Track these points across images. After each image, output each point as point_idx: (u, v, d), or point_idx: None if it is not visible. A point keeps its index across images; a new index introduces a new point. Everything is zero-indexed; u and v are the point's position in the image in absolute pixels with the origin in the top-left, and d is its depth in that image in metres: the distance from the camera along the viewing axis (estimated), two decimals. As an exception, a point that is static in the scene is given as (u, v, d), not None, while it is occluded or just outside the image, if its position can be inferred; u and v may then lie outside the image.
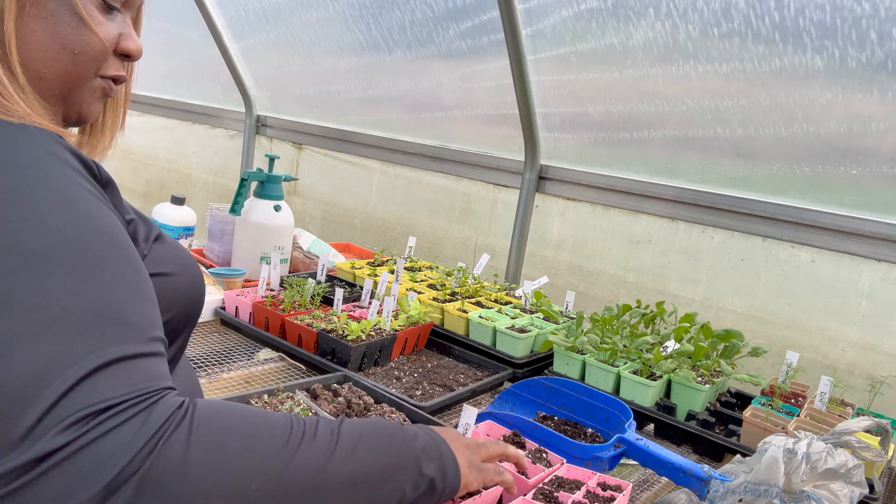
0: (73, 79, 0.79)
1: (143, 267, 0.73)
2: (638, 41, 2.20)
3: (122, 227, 0.73)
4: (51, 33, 0.75)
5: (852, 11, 1.79)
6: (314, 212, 3.66)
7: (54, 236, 0.64)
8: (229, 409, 0.70)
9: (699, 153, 2.33)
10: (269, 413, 0.74)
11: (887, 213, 2.02)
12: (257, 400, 1.41)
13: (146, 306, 0.70)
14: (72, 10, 0.76)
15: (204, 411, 0.66)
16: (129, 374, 0.64)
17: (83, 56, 0.78)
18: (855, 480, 1.12)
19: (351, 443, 0.75)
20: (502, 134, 2.80)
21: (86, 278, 0.65)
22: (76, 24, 0.76)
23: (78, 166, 0.71)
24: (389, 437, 0.81)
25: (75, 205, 0.67)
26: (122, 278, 0.69)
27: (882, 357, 2.04)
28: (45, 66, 0.76)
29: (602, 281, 2.62)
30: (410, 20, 2.76)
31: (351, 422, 0.79)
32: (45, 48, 0.75)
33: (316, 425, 0.74)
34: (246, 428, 0.68)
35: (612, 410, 1.44)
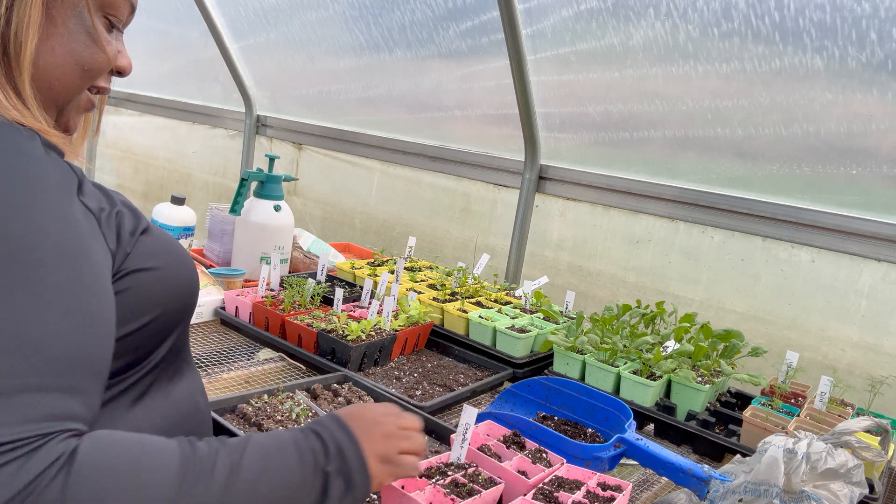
0: (75, 91, 0.83)
1: (98, 286, 0.69)
2: (638, 41, 2.20)
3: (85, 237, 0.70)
4: (67, 49, 0.79)
5: (852, 11, 1.79)
6: (314, 212, 3.66)
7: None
8: (117, 452, 0.63)
9: (699, 153, 2.33)
10: (163, 449, 0.66)
11: (887, 213, 2.02)
12: (257, 400, 1.41)
13: (78, 333, 0.65)
14: (87, 29, 0.80)
15: (86, 460, 0.60)
16: (17, 411, 0.58)
17: (91, 72, 0.82)
18: (855, 480, 1.12)
19: (251, 477, 0.69)
20: (502, 134, 2.80)
21: (8, 294, 0.60)
22: (89, 43, 0.81)
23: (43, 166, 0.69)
24: (294, 464, 0.74)
25: (22, 208, 0.64)
26: (58, 299, 0.64)
27: (882, 357, 2.04)
28: (57, 80, 0.79)
29: (602, 281, 2.62)
30: (410, 20, 2.76)
31: (255, 450, 0.72)
32: (60, 63, 0.79)
33: (214, 461, 0.68)
34: (132, 476, 0.62)
35: (612, 410, 1.44)
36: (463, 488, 1.07)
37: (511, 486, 1.13)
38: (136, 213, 0.85)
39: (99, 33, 0.81)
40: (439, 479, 1.09)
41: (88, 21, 0.80)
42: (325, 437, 0.79)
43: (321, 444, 0.78)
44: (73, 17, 0.79)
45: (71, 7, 0.78)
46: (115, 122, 4.75)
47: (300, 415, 1.37)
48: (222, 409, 1.37)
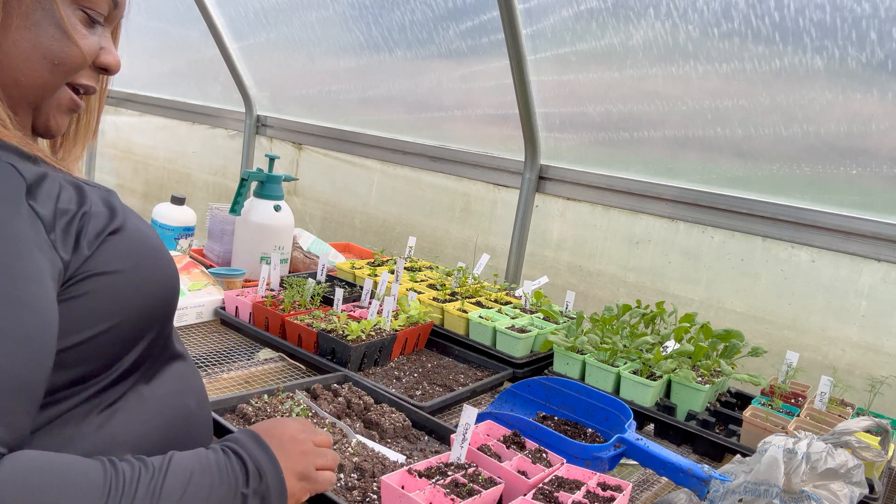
0: (47, 87, 0.80)
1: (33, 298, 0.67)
2: (638, 41, 2.20)
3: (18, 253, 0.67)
4: (33, 43, 0.76)
5: (852, 11, 1.79)
6: (314, 212, 3.66)
7: None
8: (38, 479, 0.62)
9: (699, 153, 2.33)
10: (87, 472, 0.66)
11: (887, 213, 2.02)
12: (257, 400, 1.41)
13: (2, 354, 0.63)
14: (56, 22, 0.77)
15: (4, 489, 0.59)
16: None
17: (62, 66, 0.79)
18: (855, 480, 1.12)
19: (174, 500, 0.70)
20: (502, 134, 2.80)
21: None
22: (59, 36, 0.77)
23: None
24: (216, 486, 0.75)
25: None
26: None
27: (882, 357, 2.04)
28: (24, 75, 0.77)
29: (602, 281, 2.62)
30: (410, 20, 2.76)
31: (177, 473, 0.72)
32: (25, 57, 0.76)
33: (136, 485, 0.68)
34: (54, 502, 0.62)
35: (612, 410, 1.44)
36: (463, 488, 1.08)
37: (511, 486, 1.13)
38: (112, 211, 0.82)
39: (68, 26, 0.78)
40: (439, 479, 1.09)
41: (56, 13, 0.76)
42: (245, 458, 0.80)
43: (241, 465, 0.79)
44: (38, 9, 0.76)
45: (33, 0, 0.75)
46: (115, 122, 4.75)
47: (300, 415, 1.37)
48: (222, 409, 1.37)
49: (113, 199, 0.85)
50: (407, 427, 1.42)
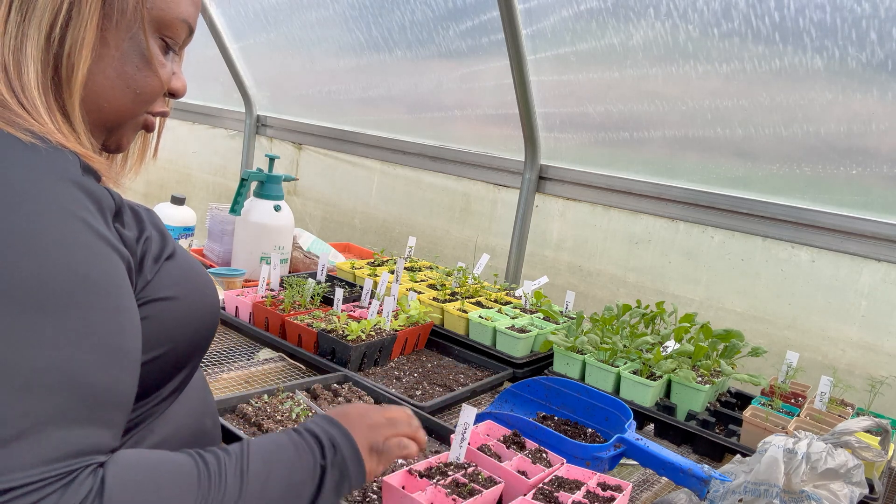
0: (127, 114, 0.81)
1: (125, 316, 0.69)
2: (638, 41, 2.20)
3: (112, 266, 0.69)
4: (119, 72, 0.77)
5: (852, 11, 1.79)
6: (314, 212, 3.66)
7: (8, 274, 0.59)
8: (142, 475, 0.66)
9: (699, 153, 2.33)
10: (182, 465, 0.69)
11: (887, 213, 2.02)
12: (257, 400, 1.41)
13: (105, 366, 0.65)
14: (141, 52, 0.78)
15: (115, 490, 0.62)
16: (50, 446, 0.59)
17: (143, 96, 0.81)
18: (855, 480, 1.12)
19: (259, 481, 0.73)
20: (502, 134, 2.80)
21: (35, 327, 0.60)
22: (142, 66, 0.79)
23: (76, 192, 0.67)
24: (295, 462, 0.78)
25: (47, 239, 0.63)
26: (85, 330, 0.63)
27: (882, 357, 2.04)
28: (107, 101, 0.78)
29: (602, 281, 2.62)
30: (410, 20, 2.76)
31: (258, 455, 0.76)
32: (111, 85, 0.77)
33: (224, 470, 0.71)
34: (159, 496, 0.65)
35: (612, 410, 1.44)
36: (464, 488, 1.08)
37: (511, 486, 1.13)
38: (164, 235, 0.84)
39: (153, 56, 0.79)
40: (440, 479, 1.09)
41: (143, 43, 0.78)
42: (319, 433, 0.83)
43: (316, 440, 0.82)
44: (127, 39, 0.76)
45: (126, 29, 0.76)
46: (115, 122, 4.74)
47: (300, 415, 1.37)
48: (222, 409, 1.37)
49: (158, 222, 0.87)
50: (407, 427, 1.42)
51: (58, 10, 0.71)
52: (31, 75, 0.70)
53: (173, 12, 0.80)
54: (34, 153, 0.66)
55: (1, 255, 0.60)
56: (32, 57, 0.71)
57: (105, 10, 0.74)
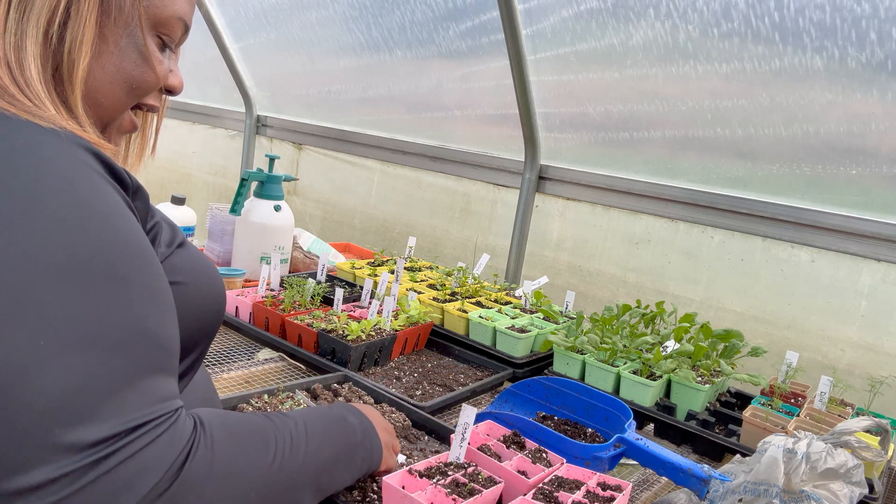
0: (121, 108, 0.83)
1: (165, 278, 0.75)
2: (638, 41, 2.20)
3: (145, 236, 0.74)
4: (117, 67, 0.79)
5: (852, 11, 1.79)
6: (314, 212, 3.66)
7: (80, 249, 0.65)
8: (231, 424, 0.76)
9: (699, 153, 2.33)
10: (257, 421, 0.80)
11: (887, 213, 2.02)
12: (257, 400, 1.41)
13: (167, 322, 0.72)
14: (139, 48, 0.80)
15: (215, 428, 0.72)
16: (152, 393, 0.67)
17: (138, 90, 0.82)
18: (855, 480, 1.12)
19: (317, 440, 0.86)
20: (502, 134, 2.80)
21: (114, 293, 0.66)
22: (140, 62, 0.80)
23: (104, 172, 0.71)
24: (339, 431, 0.94)
25: (100, 214, 0.68)
26: (147, 292, 0.70)
27: (882, 357, 2.04)
28: (105, 97, 0.79)
29: (602, 281, 2.62)
30: (410, 20, 2.76)
31: (311, 419, 0.89)
32: (109, 80, 0.79)
33: (292, 428, 0.83)
34: (249, 443, 0.76)
35: (612, 410, 1.44)
36: (464, 488, 1.08)
37: (511, 486, 1.13)
38: (173, 225, 0.89)
39: (150, 52, 0.81)
40: (440, 479, 1.09)
41: (140, 40, 0.79)
42: (357, 417, 1.00)
43: (358, 421, 0.99)
44: (125, 35, 0.78)
45: (124, 26, 0.78)
46: (115, 122, 4.74)
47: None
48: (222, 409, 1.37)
49: (166, 217, 0.91)
50: (407, 427, 1.42)
51: (55, 7, 0.72)
52: (32, 71, 0.72)
53: (169, 10, 0.81)
54: (56, 136, 0.68)
55: (67, 232, 0.64)
56: (32, 53, 0.72)
57: (103, 7, 0.75)
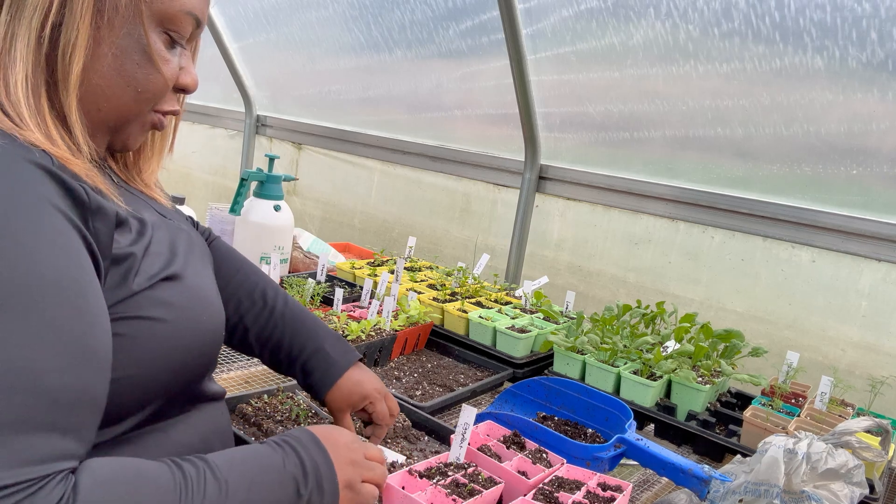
0: (130, 114, 0.78)
1: (94, 318, 0.65)
2: (638, 41, 2.20)
3: (80, 268, 0.65)
4: (118, 70, 0.74)
5: (853, 11, 1.79)
6: (314, 212, 3.66)
7: None
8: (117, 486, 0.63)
9: (699, 153, 2.33)
10: (158, 476, 0.66)
11: (887, 213, 2.01)
12: (257, 400, 1.41)
13: (74, 369, 0.62)
14: (142, 48, 0.75)
15: (88, 497, 0.60)
16: (18, 453, 0.57)
17: (145, 94, 0.78)
18: (855, 481, 1.12)
19: (238, 500, 0.71)
20: (502, 134, 2.80)
21: None
22: (144, 63, 0.76)
23: (53, 192, 0.64)
24: (276, 486, 0.75)
25: (12, 237, 0.60)
26: (51, 333, 0.60)
27: (882, 357, 2.04)
28: (106, 101, 0.75)
29: (602, 281, 2.61)
30: (410, 20, 2.76)
31: (240, 470, 0.73)
32: (109, 84, 0.75)
33: (204, 482, 0.69)
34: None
35: (612, 410, 1.44)
36: (464, 488, 1.07)
37: (511, 486, 1.13)
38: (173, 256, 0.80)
39: (154, 52, 0.76)
40: (440, 480, 1.09)
41: (143, 39, 0.75)
42: (305, 458, 0.80)
43: (301, 466, 0.79)
44: (123, 35, 0.74)
45: (121, 25, 0.73)
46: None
47: (300, 415, 1.37)
48: (222, 409, 1.37)
49: (179, 242, 0.83)
50: (407, 427, 1.42)
51: (48, 9, 0.69)
52: (18, 76, 0.69)
53: (176, 5, 0.77)
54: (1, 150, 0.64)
55: None
56: (22, 57, 0.69)
57: (97, 6, 0.71)
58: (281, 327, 1.12)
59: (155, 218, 0.84)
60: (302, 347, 1.13)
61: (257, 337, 1.13)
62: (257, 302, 1.14)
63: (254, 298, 1.14)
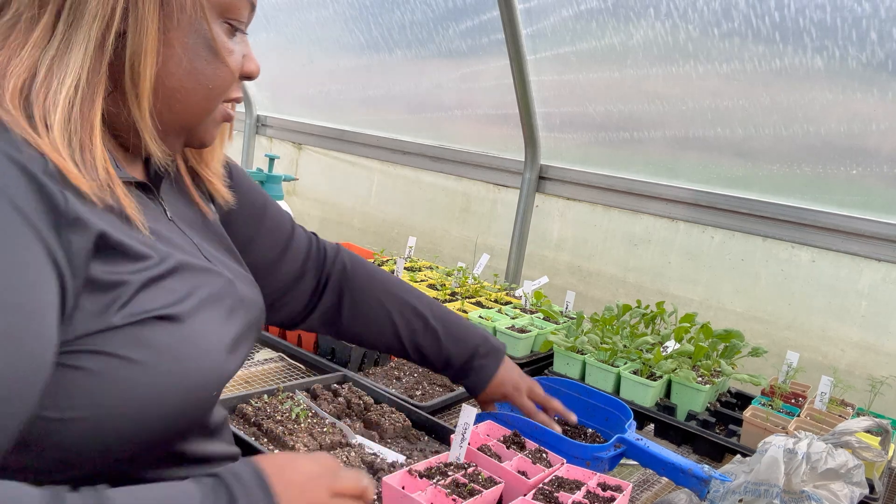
0: (203, 111, 0.77)
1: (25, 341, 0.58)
2: (638, 41, 2.20)
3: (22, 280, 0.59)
4: (188, 70, 0.73)
5: (852, 11, 1.79)
6: (314, 212, 3.66)
7: None
8: None
9: (699, 153, 2.33)
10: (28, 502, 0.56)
11: (887, 213, 2.01)
12: (257, 400, 1.41)
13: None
14: (208, 43, 0.73)
15: None
16: None
17: (216, 89, 0.76)
18: (855, 480, 1.12)
19: None
20: (502, 134, 2.80)
21: None
22: (211, 58, 0.74)
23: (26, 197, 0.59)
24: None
25: None
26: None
27: (882, 357, 2.04)
28: (178, 102, 0.74)
29: (602, 281, 2.62)
30: (410, 20, 2.76)
31: None
32: (182, 85, 0.73)
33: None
34: None
35: (611, 410, 1.44)
36: (464, 488, 1.07)
37: (511, 486, 1.13)
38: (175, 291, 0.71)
39: (219, 44, 0.74)
40: (440, 479, 1.09)
41: (208, 34, 0.73)
42: (238, 495, 0.64)
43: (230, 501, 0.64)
44: (191, 34, 0.72)
45: (188, 24, 0.72)
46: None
47: (300, 415, 1.37)
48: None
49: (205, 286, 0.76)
50: (407, 427, 1.42)
51: (110, 18, 0.67)
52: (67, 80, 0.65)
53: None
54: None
55: None
56: (77, 65, 0.66)
57: (164, 10, 0.70)
58: (444, 337, 1.23)
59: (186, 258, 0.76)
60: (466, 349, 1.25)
61: (429, 349, 1.24)
62: (413, 319, 1.23)
63: (410, 316, 1.23)
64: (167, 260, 0.73)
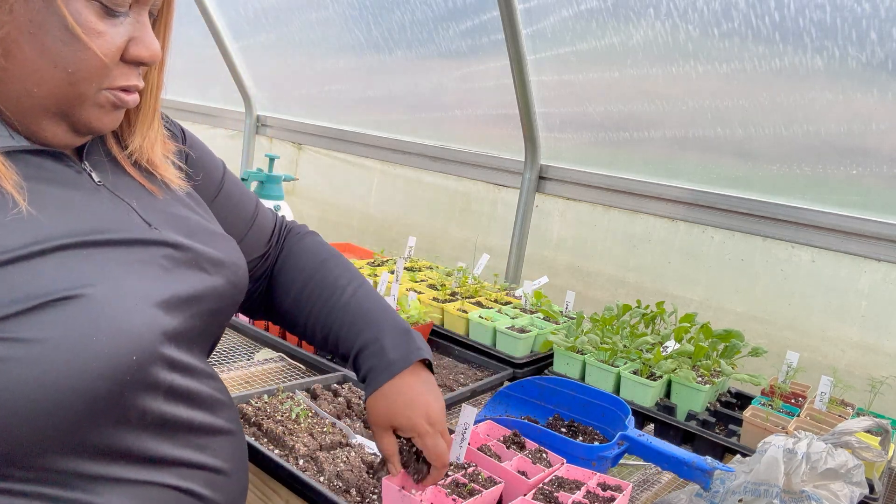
0: (71, 98, 0.69)
1: None
2: (638, 41, 2.20)
3: None
4: (39, 49, 0.65)
5: (852, 11, 1.79)
6: (313, 212, 3.66)
7: None
8: None
9: (699, 153, 2.33)
10: None
11: (887, 213, 2.02)
12: (257, 400, 1.41)
13: None
14: (62, 22, 0.65)
15: None
16: None
17: (79, 74, 0.67)
18: (855, 480, 1.12)
19: None
20: (502, 134, 2.80)
21: None
22: (68, 39, 0.65)
23: None
24: None
25: None
26: None
27: (882, 357, 2.04)
28: (36, 85, 0.66)
29: (602, 281, 2.62)
30: (410, 20, 2.76)
31: None
32: (33, 66, 0.65)
33: None
34: None
35: (607, 406, 1.44)
36: (464, 488, 1.07)
37: (511, 486, 1.13)
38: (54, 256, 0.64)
39: (75, 25, 0.65)
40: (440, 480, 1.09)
41: (60, 11, 0.64)
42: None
43: None
44: (41, 10, 0.64)
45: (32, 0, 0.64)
46: (115, 122, 4.74)
47: (300, 415, 1.37)
48: (222, 408, 1.37)
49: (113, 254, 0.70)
50: (407, 427, 1.42)
51: None
52: None
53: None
54: None
55: None
56: None
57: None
58: (341, 316, 1.00)
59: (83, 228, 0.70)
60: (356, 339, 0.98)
61: (321, 327, 1.02)
62: (325, 291, 1.05)
63: (323, 287, 1.05)
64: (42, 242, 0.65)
